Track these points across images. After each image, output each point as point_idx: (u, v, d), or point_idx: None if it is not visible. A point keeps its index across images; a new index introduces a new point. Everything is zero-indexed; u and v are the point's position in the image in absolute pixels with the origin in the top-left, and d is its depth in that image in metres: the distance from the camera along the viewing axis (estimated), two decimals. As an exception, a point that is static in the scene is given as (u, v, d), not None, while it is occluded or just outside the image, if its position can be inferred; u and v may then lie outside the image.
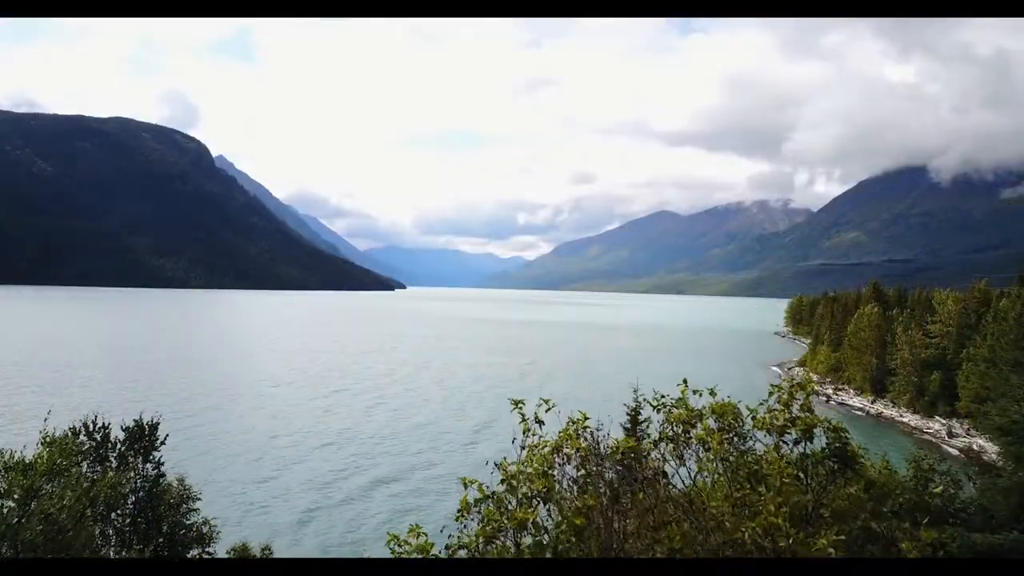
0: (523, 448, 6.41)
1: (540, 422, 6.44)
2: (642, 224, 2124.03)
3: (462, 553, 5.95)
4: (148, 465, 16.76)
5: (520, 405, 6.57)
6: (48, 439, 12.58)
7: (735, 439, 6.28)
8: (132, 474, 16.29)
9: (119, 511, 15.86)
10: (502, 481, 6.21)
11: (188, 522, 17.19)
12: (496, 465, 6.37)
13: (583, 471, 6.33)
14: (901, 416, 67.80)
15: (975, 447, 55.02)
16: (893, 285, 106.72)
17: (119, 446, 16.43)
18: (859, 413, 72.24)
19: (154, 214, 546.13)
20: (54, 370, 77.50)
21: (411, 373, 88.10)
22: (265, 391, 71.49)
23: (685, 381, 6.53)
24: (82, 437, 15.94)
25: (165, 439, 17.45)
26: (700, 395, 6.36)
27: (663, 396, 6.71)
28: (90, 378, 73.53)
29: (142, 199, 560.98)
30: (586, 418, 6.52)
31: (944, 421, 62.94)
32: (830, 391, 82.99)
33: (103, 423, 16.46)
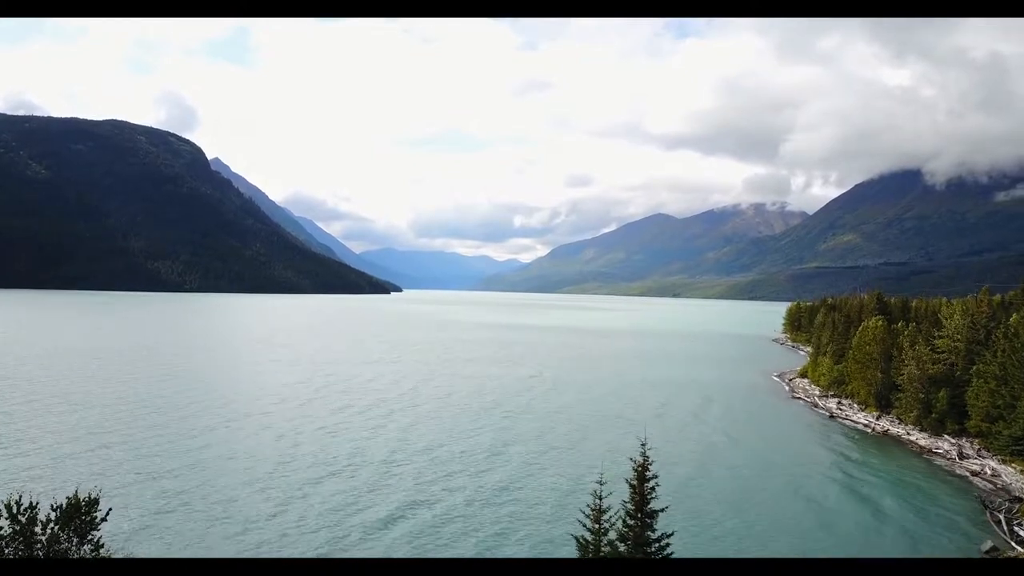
0: None
1: None
2: (638, 227, 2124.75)
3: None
4: (86, 547, 14.58)
5: None
6: None
7: None
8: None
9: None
10: None
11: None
12: None
13: None
14: (908, 434, 65.74)
15: (987, 469, 53.06)
16: (889, 288, 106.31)
17: (51, 526, 14.23)
18: (864, 430, 70.27)
19: (149, 217, 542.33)
20: (43, 383, 75.04)
21: (414, 389, 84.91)
22: (267, 408, 68.98)
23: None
24: (2, 522, 13.77)
25: (107, 515, 15.24)
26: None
27: None
28: (84, 393, 70.99)
29: (137, 202, 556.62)
30: None
31: (954, 440, 60.92)
32: (833, 406, 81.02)
33: (30, 502, 14.24)
